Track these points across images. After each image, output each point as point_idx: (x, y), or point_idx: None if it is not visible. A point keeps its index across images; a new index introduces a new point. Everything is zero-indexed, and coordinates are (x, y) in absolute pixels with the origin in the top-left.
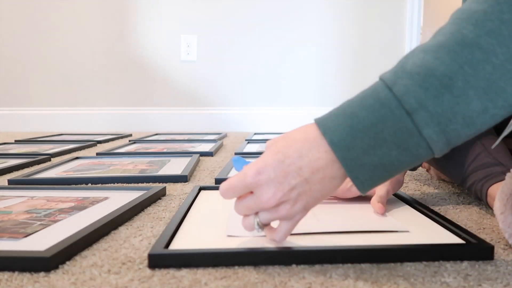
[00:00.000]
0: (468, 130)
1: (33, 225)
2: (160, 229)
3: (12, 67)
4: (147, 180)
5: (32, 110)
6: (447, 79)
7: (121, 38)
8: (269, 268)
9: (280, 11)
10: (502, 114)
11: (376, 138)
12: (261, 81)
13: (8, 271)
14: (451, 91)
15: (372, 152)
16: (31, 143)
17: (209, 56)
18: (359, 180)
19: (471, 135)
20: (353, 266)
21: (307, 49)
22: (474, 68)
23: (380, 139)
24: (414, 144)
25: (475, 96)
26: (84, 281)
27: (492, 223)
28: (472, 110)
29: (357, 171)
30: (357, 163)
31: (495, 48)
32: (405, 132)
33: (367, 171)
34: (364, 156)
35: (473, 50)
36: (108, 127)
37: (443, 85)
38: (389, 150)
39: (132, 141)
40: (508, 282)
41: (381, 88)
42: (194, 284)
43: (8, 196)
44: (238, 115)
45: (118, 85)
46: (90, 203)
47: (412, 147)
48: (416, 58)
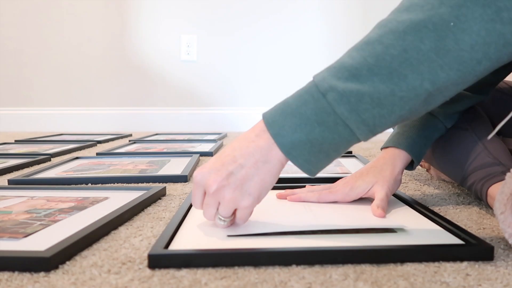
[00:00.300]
0: (380, 109)
1: (33, 225)
2: (160, 229)
3: (12, 67)
4: (147, 180)
5: (32, 110)
6: (354, 69)
7: (121, 38)
8: (269, 268)
9: (281, 11)
10: (411, 96)
11: (302, 118)
12: (261, 81)
13: (8, 271)
14: (358, 78)
15: (299, 130)
16: (31, 143)
17: (209, 56)
18: (292, 155)
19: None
20: (353, 266)
21: (308, 49)
22: (376, 60)
23: (305, 119)
24: (333, 122)
25: (379, 81)
26: (84, 281)
27: (492, 223)
28: (378, 92)
29: (289, 147)
30: (287, 139)
31: (393, 41)
32: (323, 111)
33: (297, 147)
34: (293, 134)
35: (375, 46)
36: (108, 127)
37: (351, 74)
38: (313, 128)
39: (132, 141)
40: (508, 282)
41: (309, 81)
42: (194, 284)
43: (8, 196)
44: (238, 115)
45: (118, 85)
46: (90, 203)
47: (332, 124)
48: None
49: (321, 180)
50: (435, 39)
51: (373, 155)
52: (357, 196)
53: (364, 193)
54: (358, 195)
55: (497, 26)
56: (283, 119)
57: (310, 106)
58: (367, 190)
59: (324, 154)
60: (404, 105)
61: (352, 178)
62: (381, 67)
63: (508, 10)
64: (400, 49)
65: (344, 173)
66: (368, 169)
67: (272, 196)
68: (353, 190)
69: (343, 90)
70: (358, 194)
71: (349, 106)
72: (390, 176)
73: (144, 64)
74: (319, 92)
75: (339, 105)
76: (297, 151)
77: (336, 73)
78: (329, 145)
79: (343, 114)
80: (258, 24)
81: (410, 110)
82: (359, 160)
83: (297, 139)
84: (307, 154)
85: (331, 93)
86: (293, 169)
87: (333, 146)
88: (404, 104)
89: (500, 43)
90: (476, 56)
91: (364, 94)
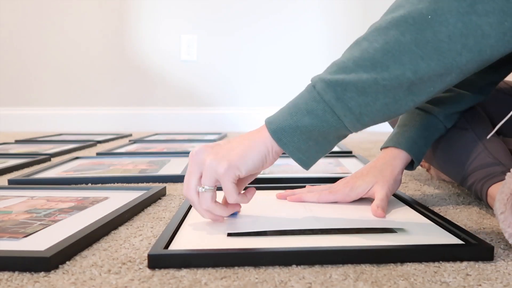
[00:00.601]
0: (365, 97)
1: (33, 225)
2: (160, 229)
3: (12, 67)
4: (147, 180)
5: (32, 110)
6: (342, 63)
7: (121, 38)
8: (269, 268)
9: (281, 11)
10: (394, 84)
11: (294, 107)
12: (261, 81)
13: (8, 271)
14: (345, 70)
15: (289, 118)
16: (31, 143)
17: (209, 56)
18: (282, 141)
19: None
20: (353, 266)
21: (308, 49)
22: (361, 53)
23: (296, 108)
24: (321, 110)
25: (363, 71)
26: (84, 281)
27: (492, 223)
28: (363, 82)
29: (279, 133)
30: (277, 125)
31: (377, 37)
32: (313, 100)
33: (287, 132)
34: (284, 121)
35: (361, 42)
36: (108, 127)
37: (339, 67)
38: (303, 116)
39: (132, 141)
40: (508, 282)
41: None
42: (194, 284)
43: (8, 196)
44: (238, 115)
45: (118, 85)
46: (90, 203)
47: (321, 113)
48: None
49: (321, 180)
50: (415, 32)
51: (373, 155)
52: (357, 196)
53: (364, 194)
54: (358, 195)
55: (473, 18)
56: (278, 112)
57: (303, 98)
58: (367, 190)
59: (313, 142)
60: (387, 93)
61: (352, 178)
62: (365, 59)
63: (482, 3)
64: (383, 42)
65: (344, 173)
66: (368, 169)
67: (272, 196)
68: (353, 190)
69: (330, 80)
70: (358, 195)
71: (335, 94)
72: (390, 176)
73: (144, 64)
74: (311, 86)
75: (326, 93)
76: (286, 137)
77: (326, 70)
78: (318, 133)
79: (330, 101)
80: (258, 24)
81: (394, 98)
82: (359, 160)
83: (287, 125)
84: (296, 141)
85: (319, 84)
86: (293, 169)
87: (322, 134)
88: (388, 92)
89: (478, 35)
90: (455, 47)
91: (349, 83)
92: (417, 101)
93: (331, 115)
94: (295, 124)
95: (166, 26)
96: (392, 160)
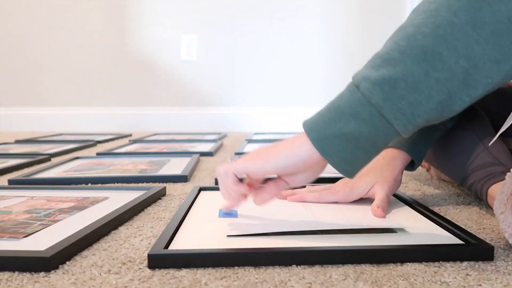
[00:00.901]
0: (417, 95)
1: (33, 225)
2: (160, 229)
3: (11, 67)
4: (147, 180)
5: (32, 110)
6: (386, 54)
7: (121, 38)
8: (269, 268)
9: (282, 10)
10: (447, 76)
11: (336, 111)
12: (262, 81)
13: (8, 271)
14: (390, 63)
15: (333, 124)
16: (31, 143)
17: (209, 56)
18: (326, 151)
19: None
20: (353, 266)
21: (309, 48)
22: (407, 41)
23: (339, 112)
24: (368, 113)
25: (413, 63)
26: (84, 281)
27: (492, 223)
28: (412, 75)
29: (322, 142)
30: (321, 134)
31: (425, 20)
32: (358, 103)
33: (331, 141)
34: (327, 128)
35: (406, 28)
36: (108, 127)
37: (383, 60)
38: (347, 121)
39: (132, 141)
40: (508, 282)
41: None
42: (194, 284)
43: (8, 196)
44: (238, 115)
45: (118, 85)
46: (90, 203)
47: (367, 117)
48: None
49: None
50: (471, 12)
51: None
52: (357, 196)
53: (365, 194)
54: (359, 195)
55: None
56: (318, 116)
57: (344, 99)
58: (367, 191)
59: (360, 150)
60: (441, 88)
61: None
62: (413, 47)
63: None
64: (433, 26)
65: None
66: (368, 170)
67: None
68: (354, 190)
69: (376, 79)
70: (359, 195)
71: (383, 94)
72: (390, 176)
73: (144, 64)
74: (353, 85)
75: (372, 95)
76: (331, 147)
77: (369, 64)
78: (365, 139)
79: (378, 103)
80: (258, 24)
81: (449, 94)
82: None
83: (330, 133)
84: (342, 151)
85: (363, 83)
86: None
87: (369, 140)
88: (442, 86)
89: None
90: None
91: (398, 79)
92: (474, 96)
93: (379, 118)
94: (340, 131)
95: (166, 26)
96: (392, 161)
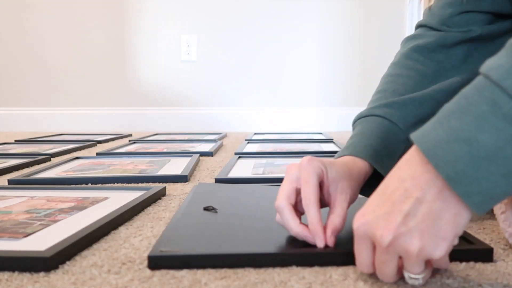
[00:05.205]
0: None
1: (33, 225)
2: (160, 229)
3: (11, 67)
4: (147, 180)
5: (32, 110)
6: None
7: (121, 38)
8: (269, 268)
9: (281, 11)
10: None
11: (507, 163)
12: (262, 81)
13: (8, 271)
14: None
15: (505, 181)
16: (31, 143)
17: (209, 56)
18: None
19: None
20: (353, 266)
21: (308, 48)
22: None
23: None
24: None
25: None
26: (84, 281)
27: (492, 223)
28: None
29: (487, 205)
30: (485, 197)
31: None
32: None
33: (496, 201)
34: (494, 188)
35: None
36: (108, 127)
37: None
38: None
39: (132, 141)
40: (508, 282)
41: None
42: (194, 284)
43: (8, 196)
44: (238, 115)
45: (118, 85)
46: (90, 203)
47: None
48: None
49: None
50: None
51: None
52: None
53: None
54: None
55: None
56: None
57: None
58: None
59: None
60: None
61: None
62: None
63: None
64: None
65: None
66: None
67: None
68: None
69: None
70: None
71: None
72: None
73: (144, 64)
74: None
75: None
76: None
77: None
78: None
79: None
80: (258, 24)
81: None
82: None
83: (500, 193)
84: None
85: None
86: None
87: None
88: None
89: None
90: None
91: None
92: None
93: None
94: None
95: (166, 26)
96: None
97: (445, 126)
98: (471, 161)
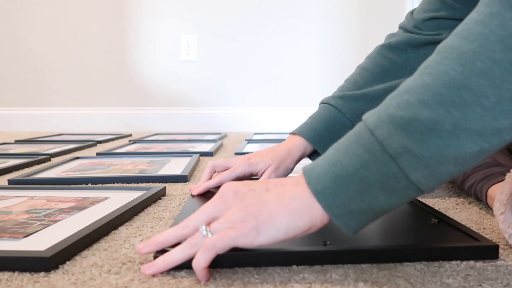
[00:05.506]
0: (462, 168)
1: (33, 225)
2: (160, 229)
3: (11, 67)
4: (147, 180)
5: (32, 110)
6: (433, 123)
7: (121, 37)
8: (269, 268)
9: (281, 11)
10: (495, 149)
11: (362, 184)
12: (262, 81)
13: (8, 271)
14: (439, 135)
15: (359, 199)
16: (31, 143)
17: (209, 56)
18: (351, 227)
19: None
20: (353, 266)
21: (308, 48)
22: (463, 111)
23: (366, 185)
24: (403, 188)
25: (468, 139)
26: (84, 281)
27: (492, 223)
28: (466, 152)
29: (346, 218)
30: (343, 210)
31: (486, 89)
32: (391, 177)
33: (355, 216)
34: (351, 203)
35: (461, 93)
36: (108, 127)
37: (429, 129)
38: (377, 195)
39: (132, 141)
40: (508, 282)
41: (364, 132)
42: (194, 284)
43: (8, 196)
44: (238, 115)
45: (118, 85)
46: (90, 203)
47: (401, 191)
48: (400, 100)
49: None
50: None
51: None
52: (255, 171)
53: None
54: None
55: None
56: (337, 187)
57: (373, 170)
58: (263, 170)
59: (377, 216)
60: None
61: (252, 156)
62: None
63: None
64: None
65: None
66: (268, 152)
67: None
68: (252, 166)
69: (421, 154)
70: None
71: (428, 171)
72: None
73: (144, 64)
74: (386, 153)
75: (415, 172)
76: (354, 221)
77: (406, 127)
78: (389, 208)
79: (419, 180)
80: (258, 25)
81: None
82: None
83: (356, 209)
84: (365, 222)
85: (405, 157)
86: None
87: (393, 207)
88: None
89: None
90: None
91: (448, 156)
92: None
93: (415, 191)
94: (368, 207)
95: (166, 26)
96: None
97: (326, 154)
98: (334, 179)
